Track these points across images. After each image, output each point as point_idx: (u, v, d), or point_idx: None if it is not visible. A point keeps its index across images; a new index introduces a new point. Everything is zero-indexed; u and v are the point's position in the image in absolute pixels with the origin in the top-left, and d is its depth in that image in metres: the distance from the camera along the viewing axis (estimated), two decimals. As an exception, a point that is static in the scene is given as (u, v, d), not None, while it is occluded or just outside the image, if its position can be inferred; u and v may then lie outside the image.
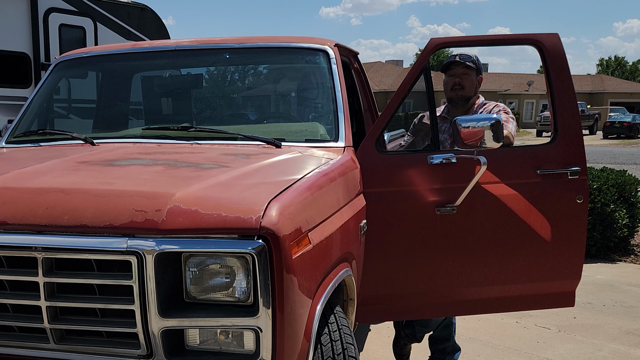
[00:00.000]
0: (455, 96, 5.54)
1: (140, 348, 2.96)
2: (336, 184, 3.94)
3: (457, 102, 5.58)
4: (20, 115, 5.38)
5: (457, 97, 5.54)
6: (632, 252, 11.02)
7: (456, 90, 5.51)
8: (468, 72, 5.48)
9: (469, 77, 5.50)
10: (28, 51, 10.12)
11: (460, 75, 5.48)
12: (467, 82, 5.50)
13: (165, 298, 2.91)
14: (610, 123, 57.25)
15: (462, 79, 5.48)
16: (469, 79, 5.50)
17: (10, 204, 3.10)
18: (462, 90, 5.50)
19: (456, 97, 5.54)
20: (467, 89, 5.51)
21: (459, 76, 5.48)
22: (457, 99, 5.55)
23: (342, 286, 3.94)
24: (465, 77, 5.49)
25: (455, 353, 6.02)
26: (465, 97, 5.53)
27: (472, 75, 5.50)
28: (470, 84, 5.51)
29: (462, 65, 5.47)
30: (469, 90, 5.52)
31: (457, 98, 5.54)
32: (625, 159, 32.13)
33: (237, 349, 2.96)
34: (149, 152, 4.41)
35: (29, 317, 3.08)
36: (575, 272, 4.91)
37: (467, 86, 5.51)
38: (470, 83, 5.52)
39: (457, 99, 5.55)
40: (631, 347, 6.88)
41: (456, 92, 5.52)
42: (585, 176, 4.82)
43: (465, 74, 5.48)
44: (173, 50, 5.48)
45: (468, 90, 5.52)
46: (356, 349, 3.50)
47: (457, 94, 5.52)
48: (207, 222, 2.89)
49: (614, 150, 39.69)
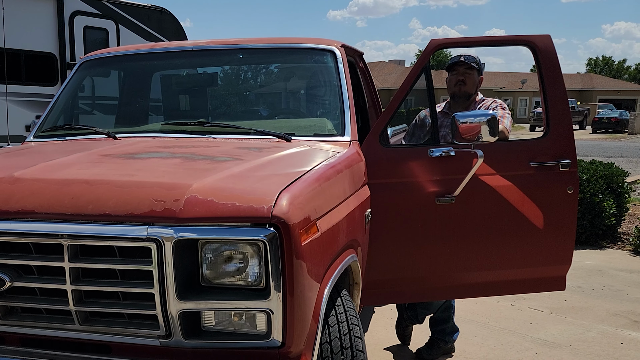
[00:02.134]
0: (458, 91, 5.58)
1: (159, 329, 2.97)
2: (342, 176, 3.93)
3: (459, 98, 5.61)
4: (47, 111, 5.38)
5: (459, 92, 5.58)
6: (619, 239, 11.03)
7: (459, 85, 5.55)
8: (471, 71, 5.53)
9: (471, 76, 5.54)
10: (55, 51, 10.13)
11: (463, 74, 5.53)
12: (469, 80, 5.54)
13: (183, 282, 2.91)
14: (599, 119, 57.18)
15: (465, 77, 5.53)
16: (471, 77, 5.54)
17: (38, 194, 3.11)
18: (464, 87, 5.54)
19: (459, 92, 5.58)
20: (469, 86, 5.55)
21: (462, 74, 5.53)
22: (459, 94, 5.59)
23: (348, 271, 3.93)
24: (468, 75, 5.53)
25: (454, 333, 6.04)
26: (467, 93, 5.57)
27: (474, 74, 5.55)
28: (472, 82, 5.55)
29: (466, 65, 5.51)
30: (471, 88, 5.56)
31: (460, 93, 5.58)
32: (612, 152, 32.08)
33: (249, 329, 2.96)
34: (168, 145, 4.41)
35: (55, 300, 3.08)
36: (566, 257, 4.91)
37: (469, 84, 5.55)
38: (472, 81, 5.55)
39: (460, 94, 5.58)
40: (618, 328, 6.88)
41: (459, 87, 5.56)
42: (576, 168, 4.82)
43: (468, 73, 5.53)
44: (190, 50, 5.49)
45: (470, 88, 5.56)
46: (361, 330, 3.50)
47: (460, 89, 5.56)
48: (222, 211, 2.88)
49: (602, 144, 39.59)
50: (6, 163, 3.85)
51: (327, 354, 3.31)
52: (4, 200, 3.11)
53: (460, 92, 5.57)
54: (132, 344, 3.06)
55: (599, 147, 35.85)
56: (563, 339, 6.53)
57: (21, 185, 3.18)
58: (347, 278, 3.99)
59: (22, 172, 3.32)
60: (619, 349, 6.29)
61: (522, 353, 6.16)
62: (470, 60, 5.51)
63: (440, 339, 5.99)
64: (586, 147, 34.32)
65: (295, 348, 2.99)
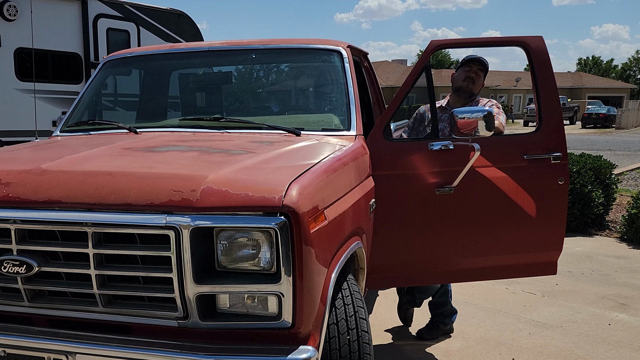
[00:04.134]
0: (466, 87, 5.54)
1: (177, 311, 2.97)
2: (348, 168, 3.92)
3: (463, 94, 5.56)
4: (72, 107, 5.38)
5: (466, 88, 5.54)
6: (607, 227, 11.04)
7: (468, 82, 5.52)
8: (481, 72, 5.53)
9: (480, 77, 5.54)
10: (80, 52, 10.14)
11: (475, 72, 5.51)
12: (478, 81, 5.54)
13: (199, 267, 2.91)
14: (588, 114, 57.22)
15: (476, 74, 5.50)
16: (480, 78, 5.54)
17: (64, 185, 3.10)
18: (472, 85, 5.52)
19: (466, 87, 5.54)
20: (477, 85, 5.55)
21: (475, 72, 5.50)
22: (465, 89, 5.54)
23: (354, 257, 3.93)
24: (478, 76, 5.53)
25: (452, 315, 6.05)
26: (472, 91, 5.55)
27: (482, 76, 5.54)
28: (479, 83, 5.56)
29: (481, 65, 5.50)
30: (477, 88, 5.56)
31: (466, 89, 5.54)
32: (601, 146, 32.06)
33: (262, 311, 2.96)
34: (185, 139, 4.40)
35: (80, 284, 3.08)
36: (557, 244, 4.91)
37: (477, 83, 5.55)
38: (480, 81, 5.56)
39: (466, 89, 5.54)
40: (606, 310, 6.87)
41: (467, 83, 5.52)
42: (566, 161, 4.81)
43: (479, 74, 5.52)
44: (206, 50, 5.49)
45: (476, 87, 5.56)
46: (366, 312, 3.49)
47: (467, 86, 5.52)
48: (236, 200, 2.88)
49: (591, 138, 39.55)
50: (34, 156, 3.86)
51: (334, 334, 3.30)
52: (32, 190, 3.11)
53: (467, 88, 5.53)
54: (151, 325, 3.07)
55: (588, 141, 35.81)
56: (554, 320, 6.53)
57: (48, 176, 3.18)
58: (353, 263, 3.99)
59: (49, 164, 3.32)
60: (607, 330, 6.28)
61: (517, 333, 6.16)
62: (484, 61, 5.51)
63: (440, 321, 6.01)
64: (576, 141, 34.30)
65: (304, 329, 2.99)
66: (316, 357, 2.96)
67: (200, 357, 2.88)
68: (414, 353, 5.71)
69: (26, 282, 3.12)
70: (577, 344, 5.90)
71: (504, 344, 5.88)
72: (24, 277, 3.09)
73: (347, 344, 3.31)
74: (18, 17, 9.15)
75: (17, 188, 3.14)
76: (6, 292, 3.24)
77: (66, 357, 3.02)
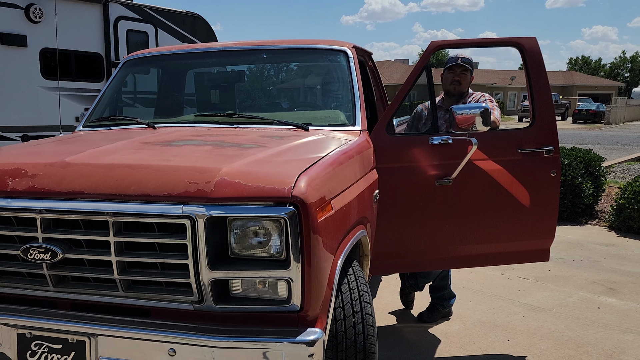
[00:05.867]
0: (453, 90, 5.57)
1: (193, 295, 2.97)
2: (354, 161, 3.91)
3: (452, 96, 5.60)
4: (94, 104, 5.38)
5: (454, 91, 5.58)
6: (597, 217, 11.02)
7: (454, 85, 5.54)
8: (466, 73, 5.52)
9: (465, 77, 5.55)
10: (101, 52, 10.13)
11: (459, 74, 5.52)
12: (464, 81, 5.55)
13: (214, 254, 2.91)
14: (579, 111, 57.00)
15: (460, 77, 5.52)
16: (465, 78, 5.55)
17: (86, 177, 3.10)
18: (459, 87, 5.54)
19: (454, 91, 5.57)
20: (463, 86, 5.56)
21: (458, 75, 5.52)
22: (454, 92, 5.58)
23: (359, 244, 3.92)
24: (463, 76, 5.53)
25: (451, 299, 6.05)
26: (460, 92, 5.56)
27: (468, 75, 5.54)
28: (466, 83, 5.57)
29: (463, 67, 5.50)
30: (464, 87, 5.57)
31: (454, 92, 5.58)
32: (590, 140, 31.98)
33: (272, 296, 2.96)
34: (200, 134, 4.40)
35: (101, 270, 3.08)
36: (550, 232, 4.91)
37: (464, 84, 5.55)
38: (466, 82, 5.57)
39: (454, 92, 5.58)
40: (595, 294, 6.86)
41: (454, 87, 5.55)
42: (558, 154, 4.82)
43: (463, 74, 5.51)
44: (220, 51, 5.48)
45: (464, 87, 5.57)
46: (370, 296, 3.49)
47: (454, 89, 5.56)
48: (248, 191, 2.87)
49: (582, 133, 39.43)
50: (59, 150, 3.85)
51: (340, 317, 3.30)
52: (57, 182, 3.11)
53: (455, 91, 5.57)
54: (169, 308, 3.07)
55: (579, 136, 35.70)
56: (547, 304, 6.52)
57: (72, 169, 3.18)
58: (358, 250, 3.98)
59: (73, 157, 3.31)
60: (596, 313, 6.27)
61: (511, 316, 6.15)
62: (466, 62, 5.50)
63: (439, 304, 6.01)
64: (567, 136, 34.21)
65: (312, 312, 2.99)
66: (323, 339, 2.96)
67: (214, 338, 2.88)
68: (415, 334, 5.70)
69: (51, 268, 3.13)
70: (569, 326, 5.89)
71: (500, 326, 5.88)
72: (49, 263, 3.10)
73: (352, 326, 3.31)
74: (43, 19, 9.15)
75: (42, 180, 3.14)
76: (32, 277, 3.24)
77: (88, 338, 3.02)
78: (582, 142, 28.28)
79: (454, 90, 5.56)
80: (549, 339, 5.56)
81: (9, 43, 8.96)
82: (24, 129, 9.18)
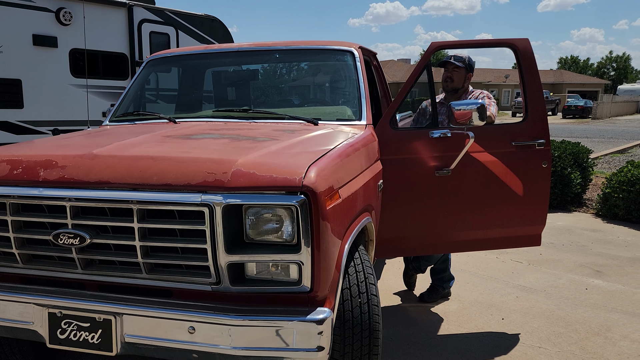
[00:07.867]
0: (447, 87, 5.56)
1: (211, 277, 2.97)
2: (360, 153, 3.90)
3: (448, 92, 5.58)
4: (120, 100, 5.38)
5: (447, 88, 5.56)
6: (584, 205, 10.98)
7: (447, 82, 5.53)
8: (457, 69, 5.47)
9: (458, 73, 5.49)
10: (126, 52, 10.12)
11: (451, 72, 5.49)
12: (456, 77, 5.50)
13: (230, 239, 2.90)
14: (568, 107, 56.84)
15: (452, 74, 5.49)
16: (458, 75, 5.49)
17: (112, 167, 3.10)
18: (452, 83, 5.51)
19: (447, 87, 5.56)
20: (456, 82, 5.51)
21: (450, 72, 5.49)
22: (447, 89, 5.57)
23: (364, 230, 3.91)
24: (455, 73, 5.49)
25: (450, 281, 6.04)
26: (454, 88, 5.52)
27: (461, 72, 5.48)
28: (458, 79, 5.50)
29: (453, 65, 5.47)
30: (458, 84, 5.51)
31: (448, 88, 5.56)
32: (579, 134, 31.90)
33: (284, 278, 2.95)
34: (218, 128, 4.39)
35: (126, 254, 3.09)
36: (541, 219, 4.91)
37: (456, 80, 5.50)
38: (459, 78, 5.50)
39: (448, 89, 5.56)
40: (584, 277, 6.83)
41: (447, 84, 5.54)
42: (549, 147, 4.82)
43: (455, 71, 5.49)
44: (236, 51, 5.46)
45: (457, 83, 5.51)
46: (375, 278, 3.48)
47: (447, 85, 5.55)
48: (262, 181, 2.87)
49: (571, 127, 39.30)
50: (87, 142, 3.85)
51: (347, 297, 3.30)
52: (85, 172, 3.11)
53: (448, 87, 5.55)
54: (188, 289, 3.07)
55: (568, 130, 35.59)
56: (539, 285, 6.50)
57: (99, 160, 3.18)
58: (364, 236, 3.97)
59: (100, 149, 3.31)
60: (584, 293, 6.25)
61: (506, 297, 6.13)
62: (457, 60, 5.46)
63: (439, 286, 6.00)
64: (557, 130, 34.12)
65: (321, 293, 2.99)
66: (331, 317, 2.96)
67: (231, 317, 2.88)
68: (417, 314, 5.69)
69: (79, 252, 3.13)
70: (559, 305, 5.87)
71: (495, 306, 5.86)
72: (77, 247, 3.10)
73: (359, 306, 3.31)
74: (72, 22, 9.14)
75: (71, 170, 3.14)
76: (62, 260, 3.25)
77: (114, 317, 3.03)
78: (571, 136, 28.20)
79: (447, 86, 5.54)
80: (541, 318, 5.54)
81: (41, 44, 8.97)
82: (54, 124, 9.19)
